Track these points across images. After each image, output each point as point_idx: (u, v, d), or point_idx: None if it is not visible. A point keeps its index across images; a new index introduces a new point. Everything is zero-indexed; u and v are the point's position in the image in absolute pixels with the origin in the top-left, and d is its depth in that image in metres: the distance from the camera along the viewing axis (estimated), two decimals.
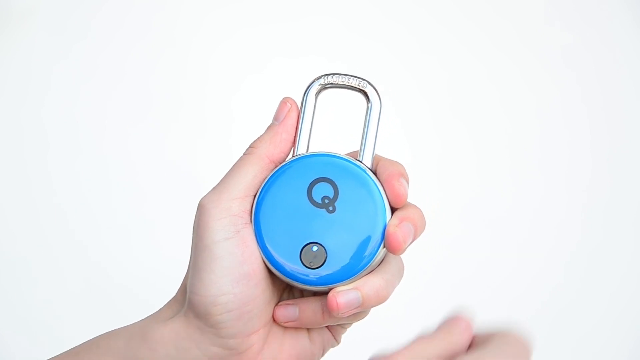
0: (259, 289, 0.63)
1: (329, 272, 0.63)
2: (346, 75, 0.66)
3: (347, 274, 0.63)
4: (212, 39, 1.47)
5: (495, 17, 1.42)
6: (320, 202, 0.64)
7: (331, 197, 0.64)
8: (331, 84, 0.66)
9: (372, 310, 0.65)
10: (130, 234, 1.42)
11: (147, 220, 1.42)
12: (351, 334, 0.70)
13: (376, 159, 0.65)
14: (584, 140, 1.43)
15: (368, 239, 0.63)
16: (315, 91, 0.66)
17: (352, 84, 0.66)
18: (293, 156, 0.66)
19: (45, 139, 1.45)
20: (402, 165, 0.65)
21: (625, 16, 1.43)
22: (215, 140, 1.42)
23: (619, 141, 1.44)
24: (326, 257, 0.63)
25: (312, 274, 0.63)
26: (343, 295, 0.63)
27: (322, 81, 0.66)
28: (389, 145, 0.65)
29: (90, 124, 1.45)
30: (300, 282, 0.64)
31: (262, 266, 0.64)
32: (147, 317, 0.67)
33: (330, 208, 0.64)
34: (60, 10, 1.46)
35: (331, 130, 0.82)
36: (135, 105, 1.45)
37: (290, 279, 0.64)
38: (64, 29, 1.46)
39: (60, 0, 1.46)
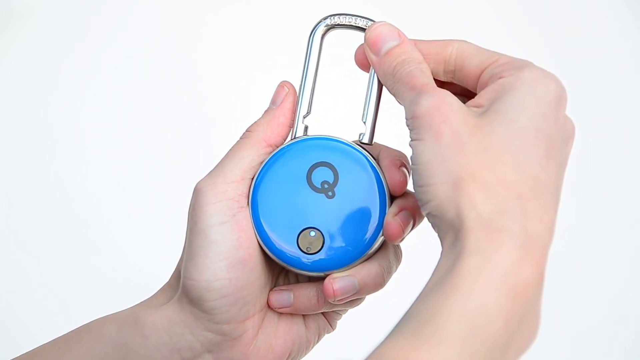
0: (254, 275, 0.62)
1: (326, 258, 0.62)
2: (353, 15, 0.64)
3: (345, 260, 0.62)
4: (211, 37, 1.47)
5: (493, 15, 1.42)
6: (319, 186, 0.63)
7: (331, 182, 0.63)
8: (338, 24, 0.64)
9: (368, 296, 0.64)
10: (136, 229, 1.42)
11: (152, 216, 1.42)
12: (347, 320, 0.69)
13: (378, 146, 0.65)
14: (580, 140, 1.43)
15: (366, 226, 0.62)
16: (322, 32, 0.64)
17: (359, 25, 0.64)
18: (292, 139, 0.65)
19: (45, 139, 1.44)
20: (403, 154, 0.64)
21: (624, 16, 1.43)
22: (219, 136, 1.42)
23: (613, 142, 1.44)
24: (323, 243, 0.62)
25: (309, 259, 0.62)
26: (339, 281, 0.62)
27: (328, 22, 0.64)
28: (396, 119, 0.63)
29: (92, 123, 1.45)
30: (297, 267, 0.63)
31: (257, 251, 0.63)
32: (140, 302, 0.66)
33: (330, 193, 0.63)
34: (61, 10, 1.45)
35: (329, 115, 0.81)
36: (136, 104, 1.45)
37: (287, 263, 0.63)
38: (64, 29, 1.46)
39: (60, 0, 1.46)
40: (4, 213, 1.42)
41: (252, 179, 0.63)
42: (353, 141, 0.64)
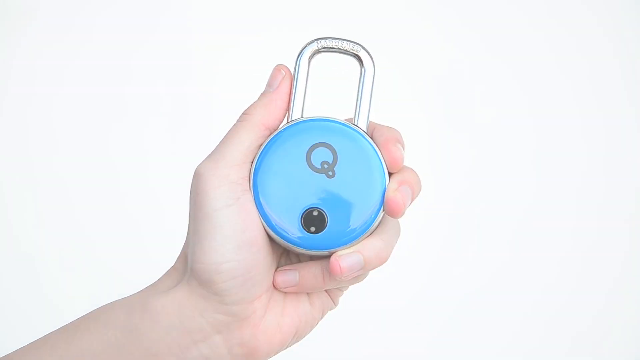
0: (261, 255, 0.63)
1: (330, 236, 0.63)
2: (339, 39, 0.65)
3: (348, 238, 0.63)
4: (209, 38, 1.47)
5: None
6: (319, 167, 0.64)
7: (330, 162, 0.64)
8: (324, 47, 0.65)
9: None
10: (136, 228, 1.42)
11: (153, 215, 1.43)
12: (348, 296, 0.70)
13: (372, 125, 0.66)
14: (578, 140, 1.43)
15: (368, 203, 0.63)
16: (308, 55, 0.66)
17: (346, 48, 0.65)
18: (288, 122, 0.65)
19: (47, 140, 1.45)
20: (397, 131, 0.65)
21: (624, 16, 1.43)
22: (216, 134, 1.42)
23: (614, 142, 1.44)
24: (327, 222, 0.63)
25: (314, 239, 0.63)
26: (345, 258, 0.63)
27: (314, 45, 0.66)
28: (382, 110, 0.64)
29: (92, 123, 1.45)
30: (302, 248, 0.64)
31: (263, 232, 0.64)
32: (146, 287, 0.67)
33: (330, 173, 0.64)
34: (61, 10, 1.46)
35: (324, 95, 0.82)
36: (136, 105, 1.46)
37: (292, 244, 0.64)
38: (64, 29, 1.46)
39: (60, 1, 1.46)
40: (5, 213, 1.43)
41: (252, 162, 0.64)
42: (348, 120, 0.65)
